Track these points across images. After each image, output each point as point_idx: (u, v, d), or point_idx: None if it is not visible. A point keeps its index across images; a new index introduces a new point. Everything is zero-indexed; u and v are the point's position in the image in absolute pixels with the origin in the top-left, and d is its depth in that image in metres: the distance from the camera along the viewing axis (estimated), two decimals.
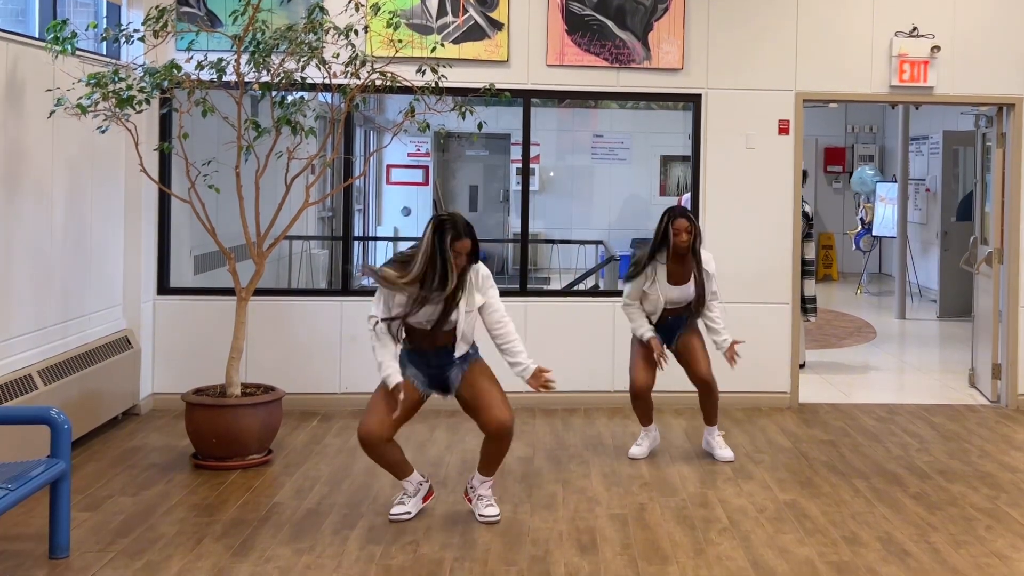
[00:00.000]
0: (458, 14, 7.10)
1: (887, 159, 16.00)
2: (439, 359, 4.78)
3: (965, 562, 4.45)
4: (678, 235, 5.81)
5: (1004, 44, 7.38)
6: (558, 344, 7.15)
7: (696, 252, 5.87)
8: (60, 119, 5.60)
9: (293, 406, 6.63)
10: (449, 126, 6.64)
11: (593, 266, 10.75)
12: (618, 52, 7.18)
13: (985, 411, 7.31)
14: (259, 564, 4.31)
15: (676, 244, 5.82)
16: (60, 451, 4.30)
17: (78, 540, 4.51)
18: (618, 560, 4.42)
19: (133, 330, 6.72)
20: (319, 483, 5.41)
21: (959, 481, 5.62)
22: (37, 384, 5.45)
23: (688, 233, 5.81)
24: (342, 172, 7.37)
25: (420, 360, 4.80)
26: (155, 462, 5.75)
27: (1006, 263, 7.45)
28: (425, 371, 4.81)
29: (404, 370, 4.78)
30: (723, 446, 6.02)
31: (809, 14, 7.32)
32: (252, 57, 5.76)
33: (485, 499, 4.88)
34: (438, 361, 4.78)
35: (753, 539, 4.70)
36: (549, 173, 14.35)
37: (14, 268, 5.40)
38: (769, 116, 7.30)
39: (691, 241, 5.83)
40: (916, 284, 13.35)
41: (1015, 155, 7.41)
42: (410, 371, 4.79)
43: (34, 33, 5.88)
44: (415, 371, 4.80)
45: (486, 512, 4.84)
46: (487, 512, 4.84)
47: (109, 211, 6.53)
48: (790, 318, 7.32)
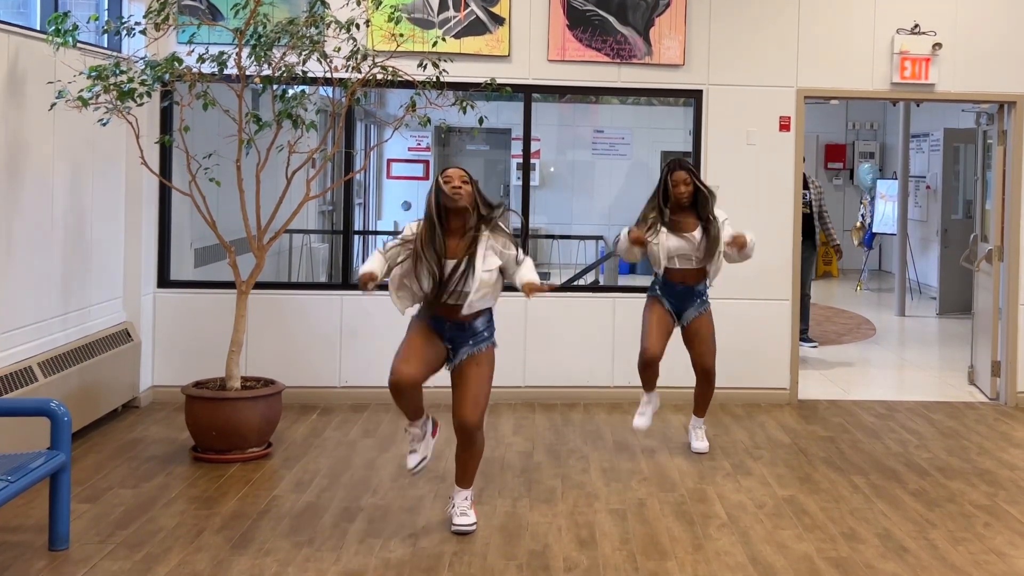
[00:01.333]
0: (459, 9, 7.09)
1: (888, 156, 15.99)
2: (452, 332, 4.66)
3: (963, 559, 4.46)
4: (676, 187, 5.77)
5: (1005, 42, 7.38)
6: (558, 339, 7.16)
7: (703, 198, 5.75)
8: (61, 112, 5.59)
9: (293, 399, 6.64)
10: (450, 121, 6.63)
11: (593, 261, 10.75)
12: (619, 47, 7.18)
13: (984, 408, 7.31)
14: (258, 557, 4.32)
15: (675, 196, 5.79)
16: (60, 443, 4.31)
17: (78, 532, 4.51)
18: (617, 555, 4.43)
19: (133, 323, 6.72)
20: (319, 476, 5.42)
21: (958, 478, 5.62)
22: (37, 376, 5.46)
23: (687, 184, 5.76)
24: (343, 166, 7.37)
25: (439, 325, 4.66)
26: (155, 455, 5.76)
27: (1006, 260, 7.45)
28: (443, 335, 4.68)
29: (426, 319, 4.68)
30: (701, 438, 6.03)
31: (811, 11, 7.32)
32: (253, 51, 5.76)
33: (459, 508, 4.72)
34: (451, 334, 4.66)
35: (752, 535, 4.70)
36: (550, 168, 14.35)
37: (14, 260, 5.40)
38: (770, 112, 7.30)
39: (691, 192, 5.76)
40: (916, 281, 13.36)
41: (1016, 153, 7.41)
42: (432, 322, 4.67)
43: (35, 25, 5.89)
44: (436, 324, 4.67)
45: (458, 521, 4.66)
46: (459, 521, 4.66)
47: (110, 204, 6.53)
48: (790, 315, 7.32)
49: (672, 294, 5.87)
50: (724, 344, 6.37)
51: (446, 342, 4.69)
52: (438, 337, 4.67)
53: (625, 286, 8.10)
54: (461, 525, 4.66)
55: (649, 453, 5.99)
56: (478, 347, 4.68)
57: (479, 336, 4.68)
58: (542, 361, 7.19)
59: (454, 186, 4.59)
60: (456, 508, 4.73)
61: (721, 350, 6.02)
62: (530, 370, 7.20)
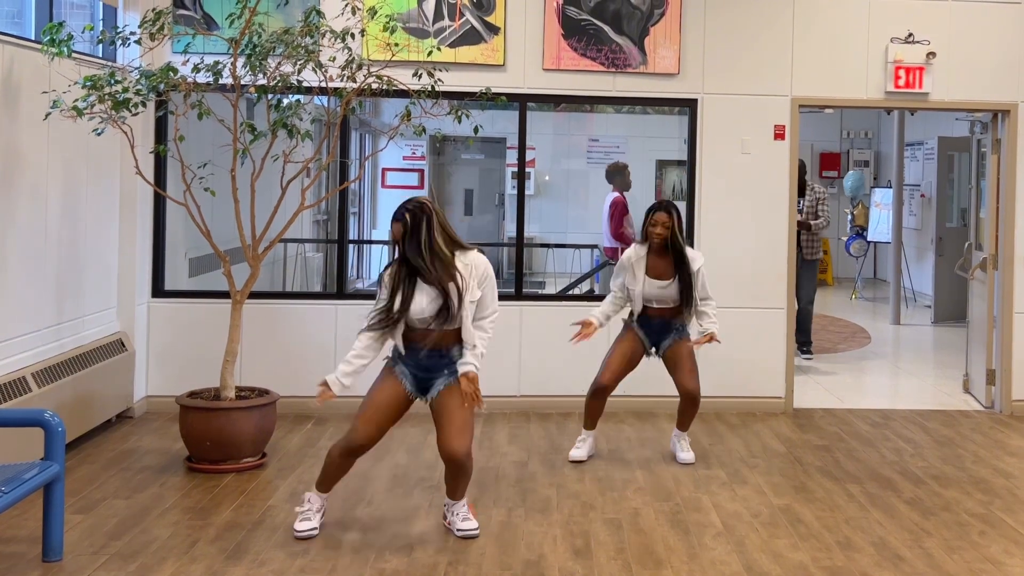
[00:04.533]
0: (455, 18, 7.11)
1: (882, 164, 16.03)
2: (430, 361, 4.68)
3: (959, 567, 4.46)
4: (654, 227, 5.76)
5: (999, 51, 7.41)
6: (553, 348, 7.15)
7: (676, 249, 5.77)
8: (56, 121, 5.59)
9: (287, 409, 6.62)
10: (445, 130, 6.64)
11: (588, 270, 10.76)
12: (614, 57, 7.19)
13: (979, 416, 7.32)
14: (253, 568, 4.31)
15: (651, 235, 5.77)
16: (54, 454, 4.29)
17: (71, 543, 4.50)
18: (612, 564, 4.42)
19: (127, 333, 6.71)
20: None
21: (953, 486, 5.62)
22: (31, 386, 5.44)
23: (665, 227, 5.74)
24: (337, 175, 7.37)
25: (412, 359, 4.70)
26: (149, 465, 5.74)
27: (1000, 269, 7.47)
28: (413, 371, 4.70)
29: (395, 366, 4.72)
30: (687, 449, 6.02)
31: (805, 20, 7.34)
32: (248, 60, 5.76)
33: (461, 514, 4.74)
34: (428, 363, 4.68)
35: (747, 544, 4.70)
36: (545, 177, 14.35)
37: (9, 270, 5.39)
38: (765, 121, 7.31)
39: (667, 236, 5.75)
40: (911, 289, 13.37)
41: (1010, 161, 7.43)
42: (399, 368, 4.71)
43: (30, 35, 5.88)
44: (404, 369, 4.71)
45: (463, 526, 4.70)
46: (464, 526, 4.70)
47: (104, 213, 6.53)
48: (785, 323, 7.33)
49: (648, 327, 5.90)
50: (719, 353, 6.39)
51: (420, 375, 4.69)
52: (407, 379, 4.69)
53: None
54: (467, 529, 4.69)
55: (644, 462, 5.99)
56: (454, 376, 4.66)
57: (453, 367, 4.67)
58: (537, 370, 7.18)
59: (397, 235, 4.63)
60: (457, 515, 4.74)
61: (716, 359, 6.03)
62: (525, 379, 7.20)
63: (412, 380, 4.71)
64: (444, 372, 4.67)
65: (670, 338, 5.90)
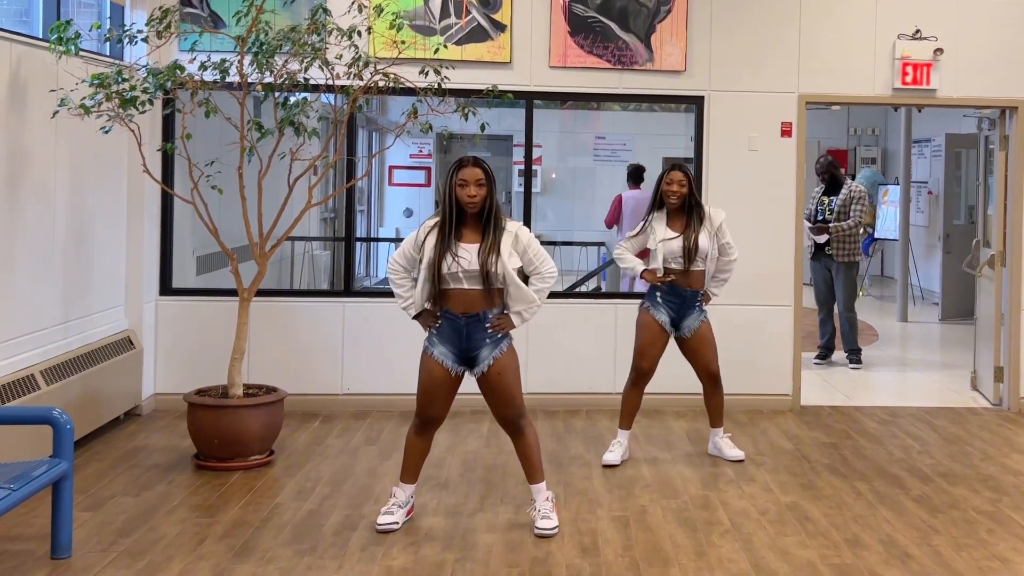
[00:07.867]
0: (461, 16, 7.10)
1: (889, 161, 15.99)
2: (470, 329, 4.65)
3: (967, 565, 4.45)
4: (670, 185, 5.77)
5: (1007, 47, 7.38)
6: (560, 346, 7.16)
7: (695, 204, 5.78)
8: (63, 120, 5.60)
9: (295, 407, 6.64)
10: (452, 127, 6.65)
11: (595, 268, 10.75)
12: (621, 54, 7.18)
13: (987, 414, 7.30)
14: (260, 565, 4.31)
15: (667, 194, 5.78)
16: (62, 451, 4.30)
17: (80, 540, 4.51)
18: (619, 562, 4.42)
19: (135, 330, 6.72)
20: (320, 484, 5.41)
21: (961, 484, 5.61)
22: (39, 384, 5.45)
23: (681, 185, 5.76)
24: (344, 173, 7.37)
25: (451, 331, 4.66)
26: (157, 463, 5.75)
27: (1008, 266, 7.45)
28: (456, 345, 4.67)
29: (434, 348, 4.69)
30: (732, 446, 6.01)
31: (812, 16, 7.32)
32: (255, 58, 5.77)
33: (541, 511, 4.74)
34: (469, 332, 4.65)
35: (755, 541, 4.69)
36: (551, 175, 14.34)
37: (17, 268, 5.41)
38: (771, 118, 7.30)
39: (684, 194, 5.76)
40: (918, 287, 13.34)
41: (1018, 157, 7.41)
42: (439, 350, 4.68)
43: (38, 33, 5.89)
44: (444, 349, 4.68)
45: (540, 524, 4.69)
46: (541, 524, 4.69)
47: (112, 211, 6.54)
48: (792, 320, 7.32)
49: (668, 299, 5.83)
50: (726, 350, 6.37)
51: (455, 357, 4.70)
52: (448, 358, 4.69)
53: (627, 292, 8.09)
54: (543, 529, 4.68)
55: (652, 460, 5.99)
56: (499, 348, 4.69)
57: (495, 335, 4.69)
58: (544, 368, 7.17)
59: (469, 194, 4.64)
60: (538, 511, 4.75)
61: (723, 356, 6.02)
62: (532, 377, 7.18)
63: (454, 358, 4.70)
64: (487, 341, 4.68)
65: (693, 317, 5.85)
